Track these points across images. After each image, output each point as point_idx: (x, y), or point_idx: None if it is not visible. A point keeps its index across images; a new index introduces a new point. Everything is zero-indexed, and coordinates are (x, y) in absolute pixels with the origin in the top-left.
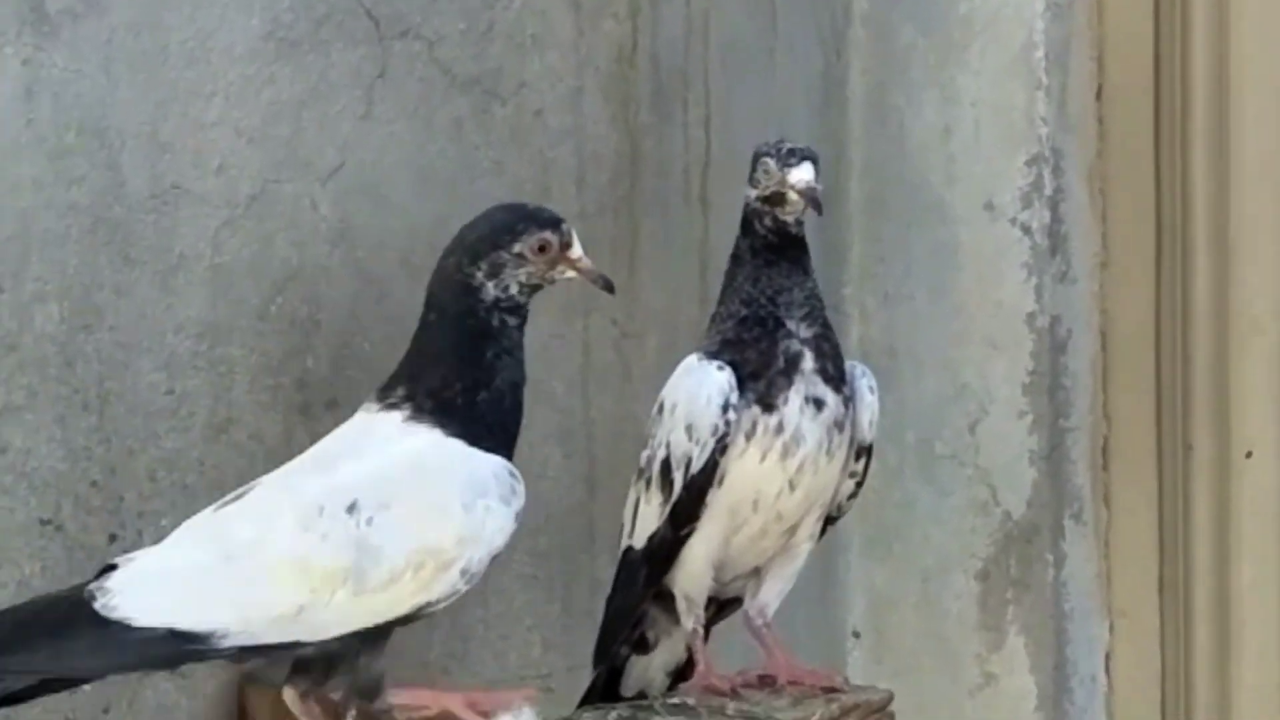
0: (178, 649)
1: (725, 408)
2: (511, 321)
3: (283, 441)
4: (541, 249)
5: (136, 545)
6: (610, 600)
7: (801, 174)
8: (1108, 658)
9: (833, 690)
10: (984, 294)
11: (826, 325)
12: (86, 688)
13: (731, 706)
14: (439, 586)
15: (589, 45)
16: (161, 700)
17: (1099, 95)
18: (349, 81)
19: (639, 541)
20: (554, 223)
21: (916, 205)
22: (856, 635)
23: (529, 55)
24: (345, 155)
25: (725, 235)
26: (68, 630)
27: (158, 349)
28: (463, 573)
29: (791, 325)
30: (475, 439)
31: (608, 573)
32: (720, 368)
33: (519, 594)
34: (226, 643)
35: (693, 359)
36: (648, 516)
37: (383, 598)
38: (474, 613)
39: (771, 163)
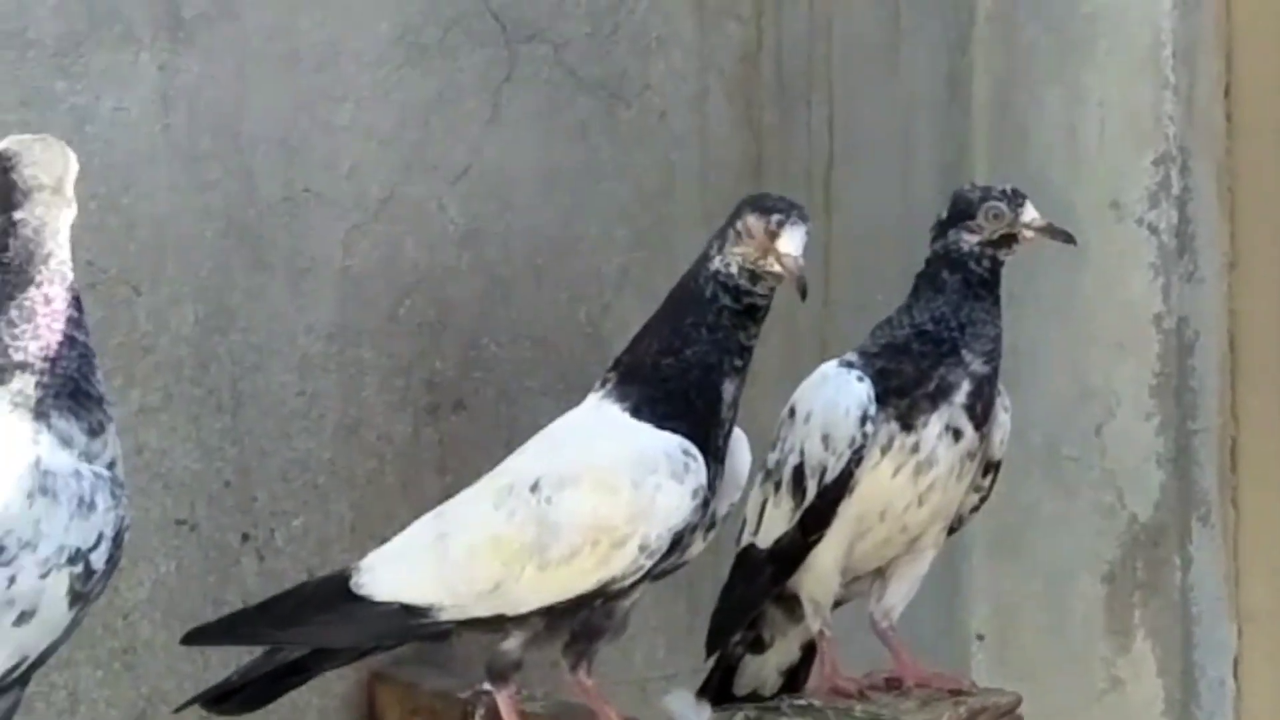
0: (406, 623)
1: (863, 420)
2: (725, 299)
3: (411, 442)
4: (750, 231)
5: (269, 545)
6: (727, 593)
7: (1033, 214)
8: (1236, 662)
9: (960, 693)
10: (1110, 294)
11: (997, 369)
12: None
13: (859, 708)
14: (618, 562)
15: (713, 47)
16: (294, 698)
17: (1227, 93)
18: (476, 85)
19: (764, 541)
20: (767, 209)
21: (1041, 205)
22: (980, 638)
23: (653, 57)
24: (473, 158)
25: (847, 235)
26: (330, 605)
27: (289, 351)
28: (641, 548)
29: (967, 356)
30: (656, 409)
31: None
32: (860, 379)
33: (645, 594)
34: (443, 616)
35: (830, 366)
36: (776, 519)
37: (566, 572)
38: None
39: (1003, 206)
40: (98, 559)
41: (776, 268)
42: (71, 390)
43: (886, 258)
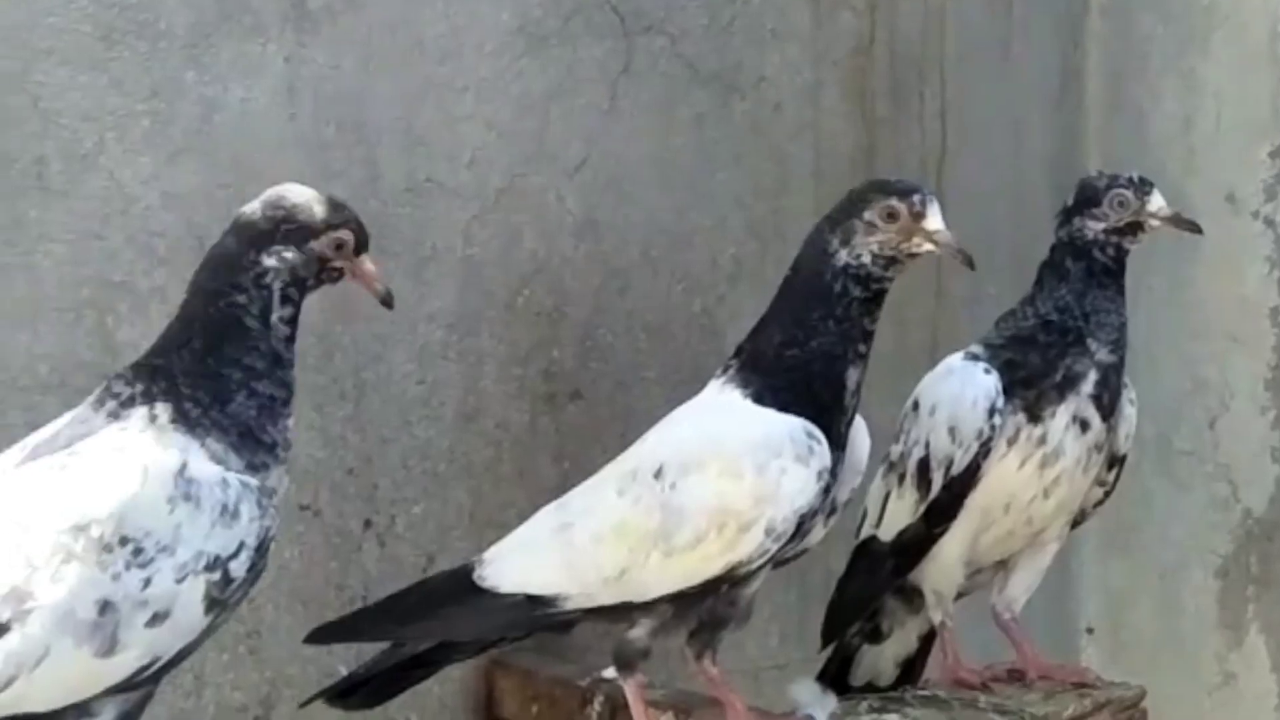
0: (532, 613)
1: (991, 412)
2: (855, 291)
3: (528, 431)
4: (890, 216)
5: (389, 532)
6: (844, 586)
7: (1160, 203)
8: None
9: (1084, 686)
10: (1225, 288)
11: (1123, 359)
12: None
13: (983, 700)
14: (744, 546)
15: (827, 38)
16: (414, 686)
17: None
18: (595, 76)
19: (886, 534)
20: (904, 191)
21: None
22: (1090, 631)
23: (768, 49)
24: (590, 149)
25: (961, 227)
26: (454, 599)
27: (410, 340)
28: (767, 532)
29: (1093, 345)
30: (779, 397)
31: (843, 564)
32: (987, 371)
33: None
34: (570, 605)
35: (955, 359)
36: (899, 512)
37: (692, 557)
38: None
39: (1129, 194)
40: (238, 567)
41: (926, 247)
42: (241, 432)
43: (998, 250)
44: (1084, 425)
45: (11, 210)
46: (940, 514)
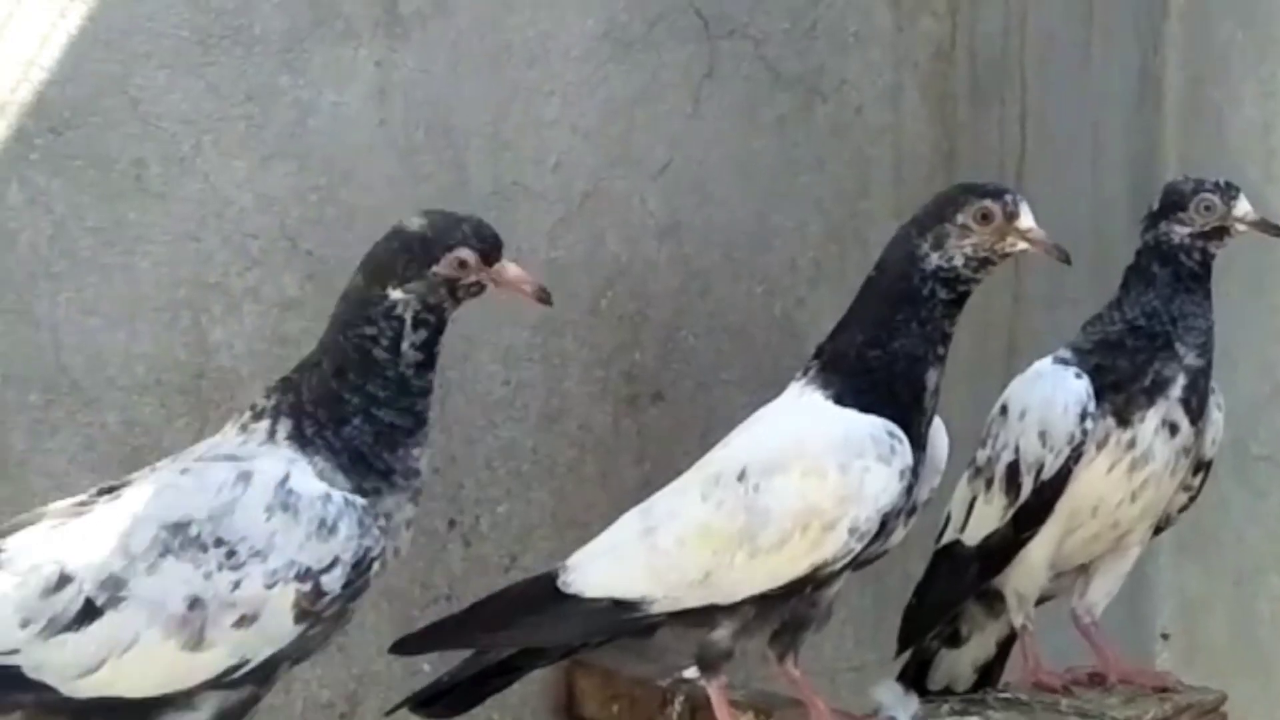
0: (617, 618)
1: (1083, 416)
2: (942, 293)
3: (610, 432)
4: (984, 218)
5: (474, 531)
6: (925, 591)
7: (1246, 207)
8: None
9: (1165, 690)
10: None
11: (1210, 362)
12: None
13: (1064, 703)
14: (829, 546)
15: (908, 42)
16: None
17: None
18: (678, 80)
19: (971, 539)
20: (996, 192)
21: None
22: (1165, 637)
23: (850, 53)
24: (674, 152)
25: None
26: (539, 605)
27: (495, 341)
28: (851, 531)
29: (1181, 349)
30: (860, 399)
31: (919, 567)
32: (1078, 375)
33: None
34: (655, 609)
35: (1044, 364)
36: (986, 516)
37: (777, 558)
38: None
39: (1215, 198)
40: (331, 581)
41: (1020, 246)
42: (352, 456)
43: (1077, 253)
44: (1173, 429)
45: (111, 212)
46: (1029, 518)
